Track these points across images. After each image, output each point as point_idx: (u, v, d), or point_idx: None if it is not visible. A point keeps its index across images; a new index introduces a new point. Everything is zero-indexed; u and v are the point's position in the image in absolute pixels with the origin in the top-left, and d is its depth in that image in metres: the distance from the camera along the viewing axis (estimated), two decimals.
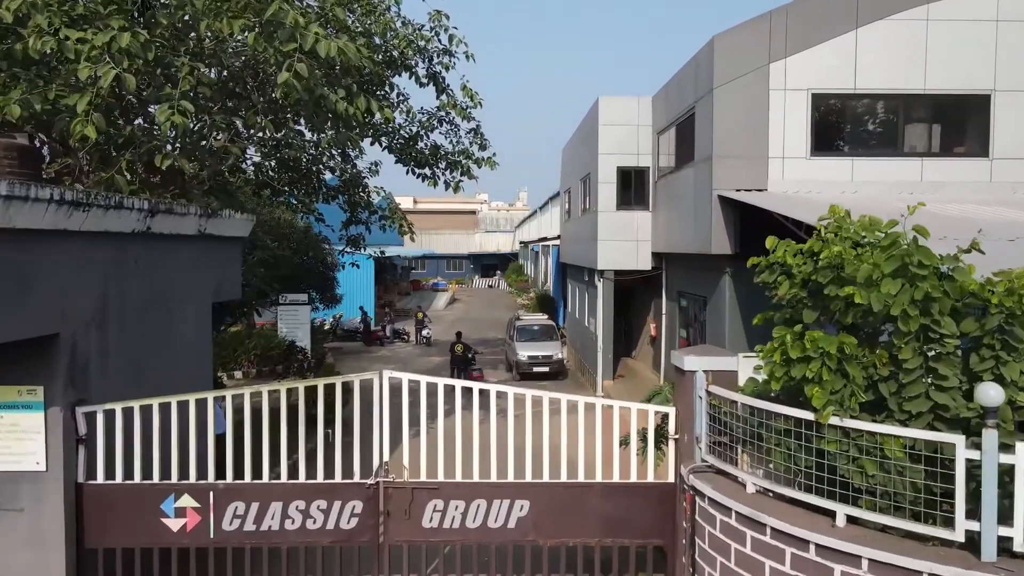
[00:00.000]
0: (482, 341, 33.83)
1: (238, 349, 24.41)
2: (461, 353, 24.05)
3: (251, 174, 16.97)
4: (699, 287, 17.09)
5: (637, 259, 20.20)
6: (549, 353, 23.66)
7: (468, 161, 17.45)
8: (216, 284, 10.28)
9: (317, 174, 17.71)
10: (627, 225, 20.14)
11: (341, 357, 29.61)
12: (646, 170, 20.10)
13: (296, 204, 17.95)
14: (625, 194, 20.24)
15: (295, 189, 17.61)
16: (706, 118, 15.05)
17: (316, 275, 27.75)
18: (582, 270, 23.97)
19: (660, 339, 20.60)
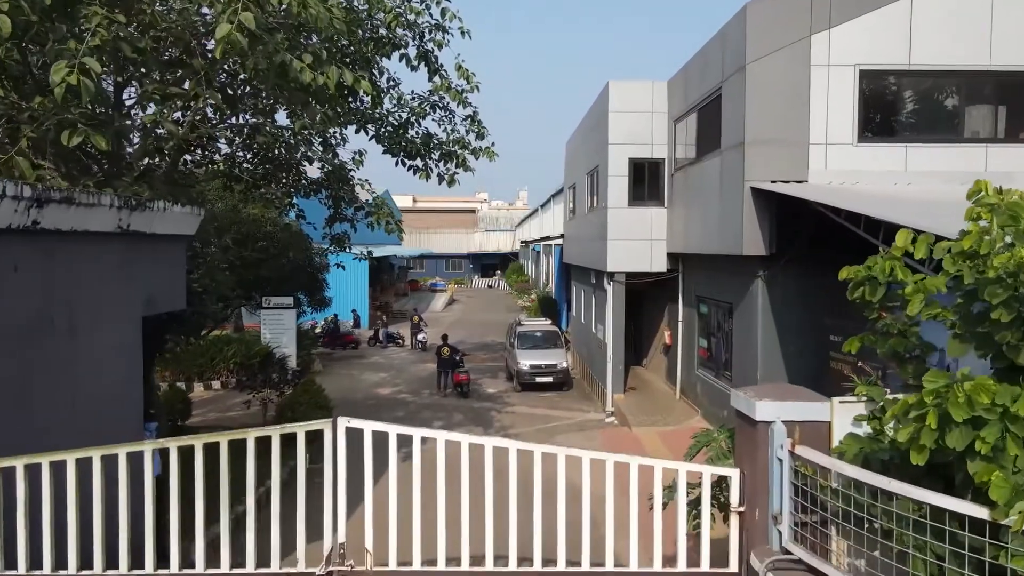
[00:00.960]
0: (481, 346, 31.83)
1: (216, 357, 22.42)
2: (448, 356, 22.51)
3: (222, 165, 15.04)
4: (724, 292, 15.06)
5: (651, 260, 18.18)
6: (553, 362, 21.64)
7: (464, 151, 15.47)
8: (148, 295, 8.26)
9: (296, 166, 15.76)
10: (640, 223, 18.12)
11: (330, 363, 27.62)
12: (661, 162, 18.09)
13: (274, 199, 15.92)
14: (638, 189, 18.22)
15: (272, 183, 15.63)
16: (736, 99, 13.03)
17: (303, 277, 25.76)
18: (588, 272, 21.96)
19: (676, 348, 18.58)
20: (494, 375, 24.95)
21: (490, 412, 19.44)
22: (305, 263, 25.40)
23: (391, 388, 22.99)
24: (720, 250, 14.10)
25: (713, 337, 16.09)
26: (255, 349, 23.07)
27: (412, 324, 31.53)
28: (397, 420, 18.91)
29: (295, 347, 24.65)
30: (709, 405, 15.99)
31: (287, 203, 16.58)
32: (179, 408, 16.08)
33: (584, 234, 22.50)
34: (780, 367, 13.12)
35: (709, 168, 14.73)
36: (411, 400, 21.20)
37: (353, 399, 21.25)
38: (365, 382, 24.03)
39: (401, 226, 15.55)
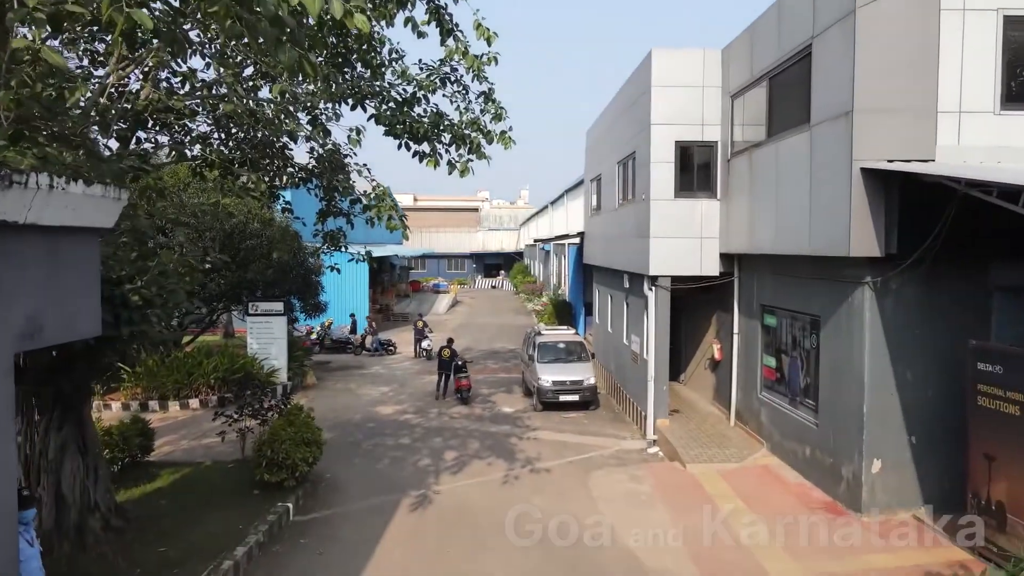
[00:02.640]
0: (490, 353, 28.84)
1: (194, 372, 19.39)
2: (448, 357, 20.36)
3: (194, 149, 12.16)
4: (806, 302, 12.07)
5: (701, 262, 15.19)
6: (579, 378, 18.64)
7: (479, 135, 12.55)
8: (26, 320, 5.24)
9: (281, 150, 12.83)
10: (688, 218, 15.13)
11: (326, 375, 24.60)
12: (713, 146, 15.09)
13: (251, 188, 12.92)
14: (685, 177, 15.23)
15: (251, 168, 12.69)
16: (837, 56, 10.04)
17: (294, 279, 22.76)
18: (619, 274, 18.97)
19: (729, 365, 15.58)
20: (508, 389, 21.96)
21: (510, 439, 16.43)
22: (295, 264, 22.44)
23: (394, 406, 19.99)
24: (805, 250, 11.12)
25: (786, 356, 13.11)
26: (239, 362, 20.08)
27: (416, 330, 28.53)
28: (402, 448, 15.93)
29: (286, 358, 21.69)
30: (780, 438, 13.01)
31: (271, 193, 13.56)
32: (137, 443, 13.05)
33: (613, 231, 19.51)
34: (893, 400, 10.14)
35: (789, 149, 11.74)
36: (417, 422, 18.19)
37: (350, 421, 18.24)
38: (364, 398, 21.02)
39: (407, 226, 12.58)
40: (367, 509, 12.01)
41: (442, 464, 14.59)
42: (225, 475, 13.17)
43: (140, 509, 11.19)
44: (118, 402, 19.11)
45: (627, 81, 17.47)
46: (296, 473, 11.94)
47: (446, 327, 37.96)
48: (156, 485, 12.47)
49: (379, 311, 39.80)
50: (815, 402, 11.81)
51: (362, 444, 16.08)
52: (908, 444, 10.20)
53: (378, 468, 14.38)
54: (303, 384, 22.39)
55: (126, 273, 8.83)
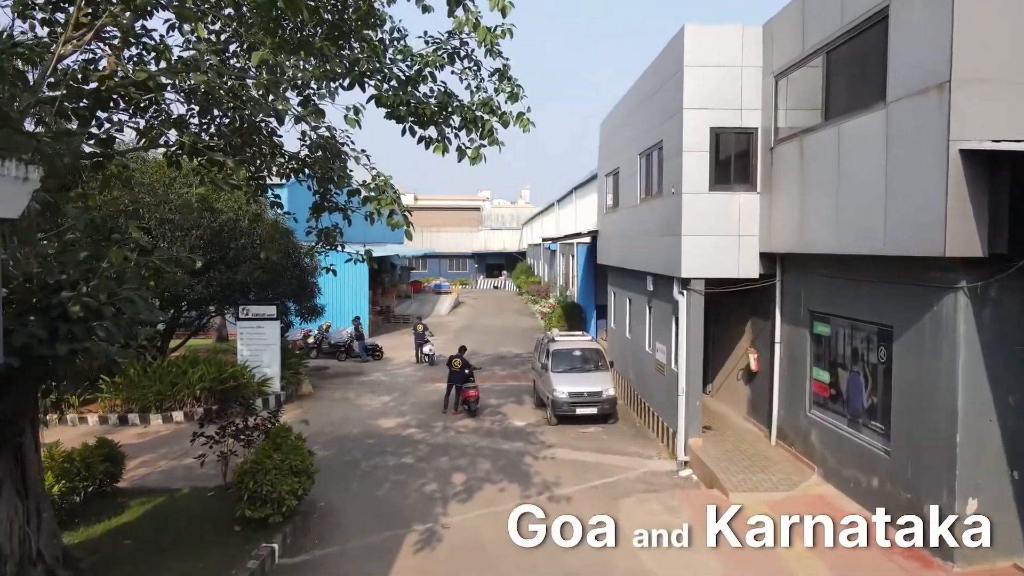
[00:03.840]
0: (496, 359, 27.10)
1: (178, 382, 17.65)
2: (459, 368, 18.41)
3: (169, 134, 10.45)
4: (872, 309, 10.34)
5: (738, 263, 13.46)
6: (597, 389, 16.91)
7: (492, 118, 10.83)
8: None
9: (270, 136, 11.14)
10: (724, 213, 13.41)
11: (323, 382, 22.85)
12: (752, 132, 13.36)
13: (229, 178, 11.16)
14: (721, 168, 13.51)
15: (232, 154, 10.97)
16: (927, 17, 8.31)
17: (289, 280, 21.01)
18: (641, 277, 17.24)
19: (768, 377, 13.86)
20: (518, 399, 20.22)
21: (524, 458, 14.70)
22: (289, 264, 20.69)
23: (396, 418, 18.25)
24: (878, 249, 9.40)
25: (843, 370, 11.38)
26: (228, 371, 18.33)
27: (416, 334, 26.77)
28: (405, 469, 14.17)
29: (279, 366, 19.93)
30: (837, 464, 11.28)
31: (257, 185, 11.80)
32: (102, 469, 11.29)
33: (633, 229, 17.77)
34: (992, 429, 8.42)
35: (856, 132, 10.01)
36: (421, 437, 16.45)
37: (348, 435, 16.50)
38: (364, 409, 19.27)
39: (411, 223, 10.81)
40: (365, 549, 10.28)
41: (450, 489, 12.86)
42: (204, 506, 11.43)
43: (99, 552, 9.46)
44: (95, 415, 17.37)
45: (653, 63, 15.72)
46: (283, 508, 10.20)
47: (449, 329, 36.26)
48: (123, 519, 10.73)
49: (379, 313, 38.09)
50: (885, 426, 10.09)
51: (360, 464, 14.34)
52: (1010, 480, 8.49)
53: (378, 495, 12.65)
54: (298, 393, 20.65)
55: (67, 277, 7.09)
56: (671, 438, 14.75)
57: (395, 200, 10.70)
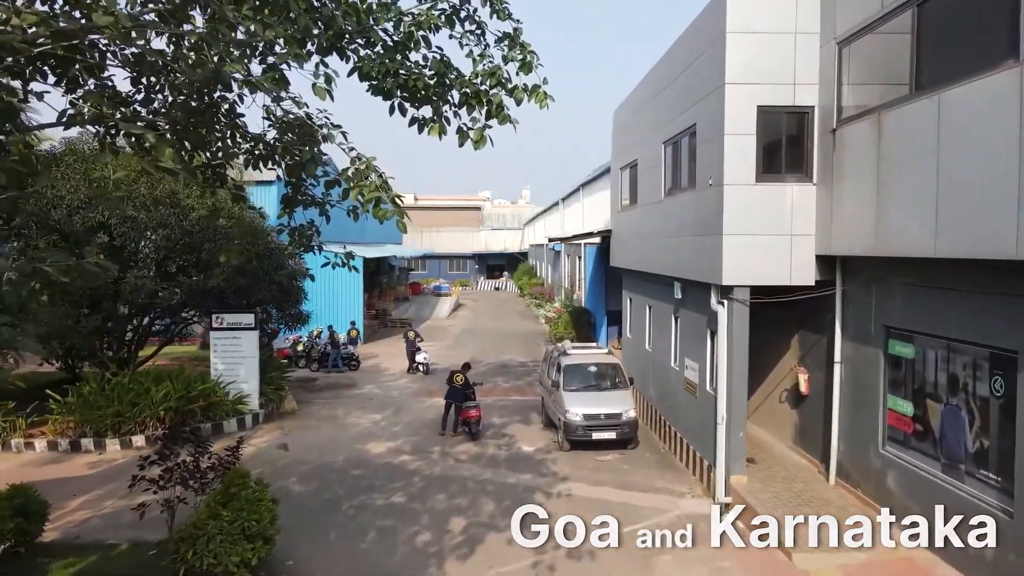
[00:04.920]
0: (499, 368, 24.78)
1: (140, 402, 15.32)
2: (460, 385, 16.05)
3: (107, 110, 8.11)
4: (984, 328, 8.01)
5: (790, 267, 11.15)
6: (616, 411, 14.61)
7: (500, 92, 8.49)
8: None
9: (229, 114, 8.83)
10: (773, 208, 11.10)
11: (310, 397, 20.50)
12: (808, 112, 11.05)
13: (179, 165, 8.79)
14: (771, 154, 11.20)
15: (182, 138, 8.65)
16: None
17: (270, 286, 18.67)
18: (665, 282, 14.95)
19: (827, 404, 11.54)
20: (524, 418, 17.90)
21: (534, 495, 12.38)
22: (266, 268, 18.33)
23: (387, 441, 15.93)
24: (1006, 253, 7.09)
25: (935, 402, 9.06)
26: (197, 387, 16.00)
27: (407, 341, 24.43)
28: (395, 512, 11.71)
29: (257, 381, 17.57)
30: (924, 514, 8.95)
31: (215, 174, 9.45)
32: (13, 526, 8.96)
33: (655, 229, 15.44)
34: None
35: (967, 102, 7.69)
36: (415, 466, 14.13)
37: (331, 465, 14.16)
38: (352, 430, 16.94)
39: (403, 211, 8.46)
40: None
41: (447, 540, 10.55)
42: (141, 571, 9.12)
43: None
44: (44, 439, 15.06)
45: (685, 33, 13.38)
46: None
47: (448, 334, 33.97)
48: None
49: (375, 317, 35.75)
50: (1002, 478, 7.78)
51: (342, 505, 12.02)
52: None
53: (361, 548, 10.32)
54: (280, 411, 18.30)
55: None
56: (705, 472, 12.44)
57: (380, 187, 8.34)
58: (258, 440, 15.92)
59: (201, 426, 15.86)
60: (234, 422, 16.52)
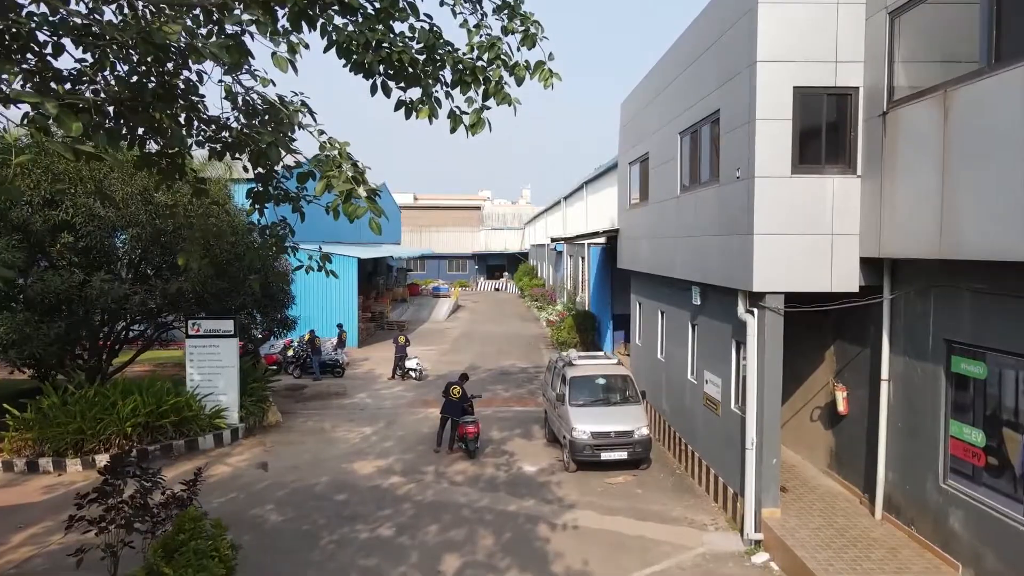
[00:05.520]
0: (499, 375, 23.33)
1: (105, 417, 13.85)
2: (458, 398, 14.68)
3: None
4: None
5: (831, 271, 9.68)
6: (627, 428, 13.15)
7: (500, 70, 6.99)
8: None
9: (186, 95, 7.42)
10: (812, 204, 9.63)
11: (297, 408, 19.04)
12: (851, 93, 9.58)
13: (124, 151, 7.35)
14: (809, 142, 9.73)
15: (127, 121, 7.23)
16: None
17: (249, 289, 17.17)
18: (681, 286, 13.49)
19: (871, 426, 10.07)
20: (526, 431, 16.44)
21: (537, 526, 10.92)
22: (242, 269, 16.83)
23: (377, 459, 14.46)
24: None
25: (1018, 433, 7.57)
26: (169, 401, 14.54)
27: (397, 346, 22.95)
28: (380, 546, 10.02)
29: (237, 393, 16.07)
30: (1007, 569, 7.49)
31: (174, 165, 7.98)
32: None
33: (669, 227, 13.98)
34: None
35: None
36: (406, 490, 12.67)
37: (313, 489, 12.69)
38: (339, 446, 15.47)
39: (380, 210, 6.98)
40: None
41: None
42: None
43: None
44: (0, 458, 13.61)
45: (707, 8, 11.86)
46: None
47: (447, 337, 32.51)
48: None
49: (371, 319, 34.28)
50: None
51: (321, 538, 10.54)
52: None
53: None
54: (262, 423, 16.82)
55: None
56: (730, 499, 10.98)
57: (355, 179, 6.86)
58: (236, 458, 14.46)
59: (173, 443, 14.52)
60: (210, 438, 15.05)
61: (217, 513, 11.35)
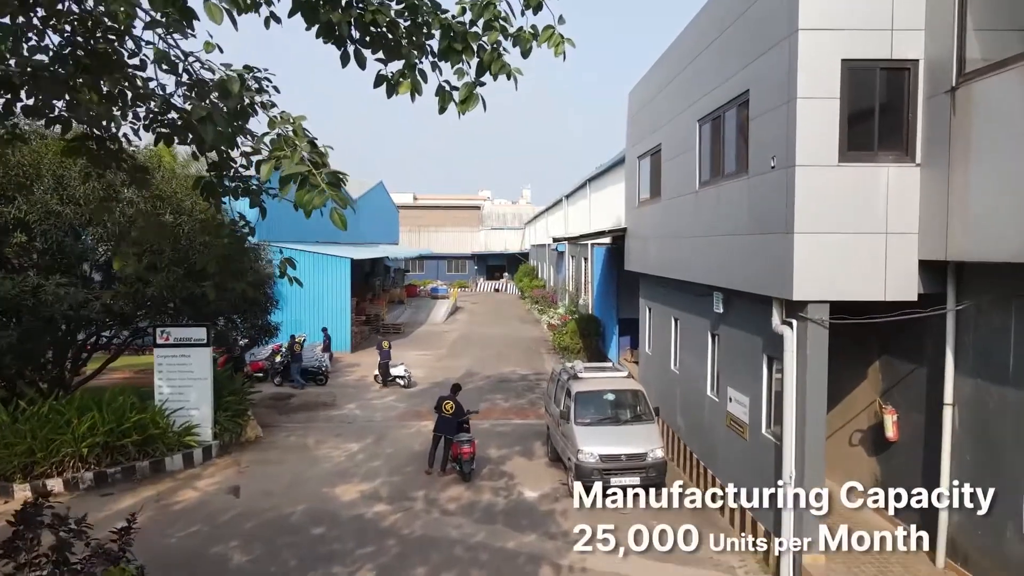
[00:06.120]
0: (499, 383, 21.83)
1: (59, 437, 12.34)
2: (451, 414, 13.14)
3: None
4: None
5: (884, 276, 8.18)
6: (640, 450, 11.66)
7: (498, 35, 5.26)
8: None
9: (123, 67, 5.96)
10: (862, 197, 8.15)
11: (281, 420, 17.52)
12: (910, 68, 8.08)
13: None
14: (859, 125, 8.23)
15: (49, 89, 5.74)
16: None
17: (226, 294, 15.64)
18: (702, 293, 11.98)
19: (934, 458, 8.56)
20: (527, 449, 14.94)
21: (540, 568, 9.43)
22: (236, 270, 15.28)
23: (361, 482, 12.95)
24: None
25: None
26: (132, 418, 13.03)
27: (381, 351, 21.43)
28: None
29: (211, 407, 14.47)
30: None
31: (106, 150, 6.47)
32: None
33: (685, 226, 12.47)
34: None
35: None
36: (391, 520, 11.16)
37: (287, 520, 11.16)
38: (321, 466, 13.95)
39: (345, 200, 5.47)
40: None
41: None
42: None
43: None
44: None
45: None
46: None
47: (444, 341, 30.98)
48: None
49: (366, 322, 32.77)
50: None
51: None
52: None
53: None
54: (240, 439, 15.30)
55: None
56: (761, 535, 9.45)
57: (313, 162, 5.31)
58: (206, 481, 12.95)
59: (136, 465, 13.01)
60: (179, 458, 13.54)
61: (174, 551, 9.87)
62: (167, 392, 14.24)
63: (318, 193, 4.86)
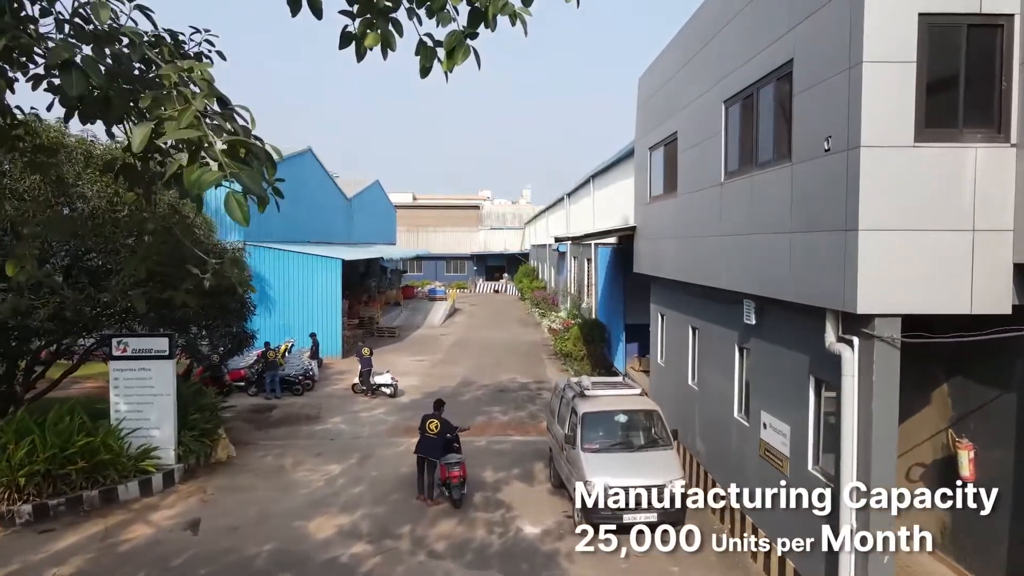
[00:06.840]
0: (496, 392, 20.18)
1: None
2: (436, 433, 11.53)
3: None
4: None
5: (971, 284, 6.51)
6: (657, 481, 9.98)
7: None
8: None
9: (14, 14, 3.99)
10: (943, 186, 6.48)
11: (259, 436, 15.85)
12: (1003, 26, 6.41)
13: None
14: (940, 98, 6.56)
15: None
16: None
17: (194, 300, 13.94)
18: (730, 300, 10.32)
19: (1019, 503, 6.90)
20: (526, 471, 13.28)
21: None
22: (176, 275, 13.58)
23: (340, 515, 11.28)
24: None
25: None
26: (78, 442, 11.34)
27: (362, 359, 19.80)
28: None
29: (173, 427, 12.73)
30: None
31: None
32: None
33: (709, 223, 10.79)
34: None
35: None
36: (370, 566, 9.49)
37: (245, 566, 9.45)
38: (296, 494, 12.29)
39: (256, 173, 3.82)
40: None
41: None
42: None
43: None
44: None
45: None
46: None
47: (440, 346, 29.30)
48: None
49: (359, 325, 31.10)
50: None
51: None
52: None
53: None
54: (209, 461, 13.64)
55: None
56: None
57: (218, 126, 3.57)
58: (163, 513, 11.28)
59: (84, 495, 11.32)
60: (135, 486, 11.87)
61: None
62: (124, 410, 12.57)
63: (208, 171, 3.23)
